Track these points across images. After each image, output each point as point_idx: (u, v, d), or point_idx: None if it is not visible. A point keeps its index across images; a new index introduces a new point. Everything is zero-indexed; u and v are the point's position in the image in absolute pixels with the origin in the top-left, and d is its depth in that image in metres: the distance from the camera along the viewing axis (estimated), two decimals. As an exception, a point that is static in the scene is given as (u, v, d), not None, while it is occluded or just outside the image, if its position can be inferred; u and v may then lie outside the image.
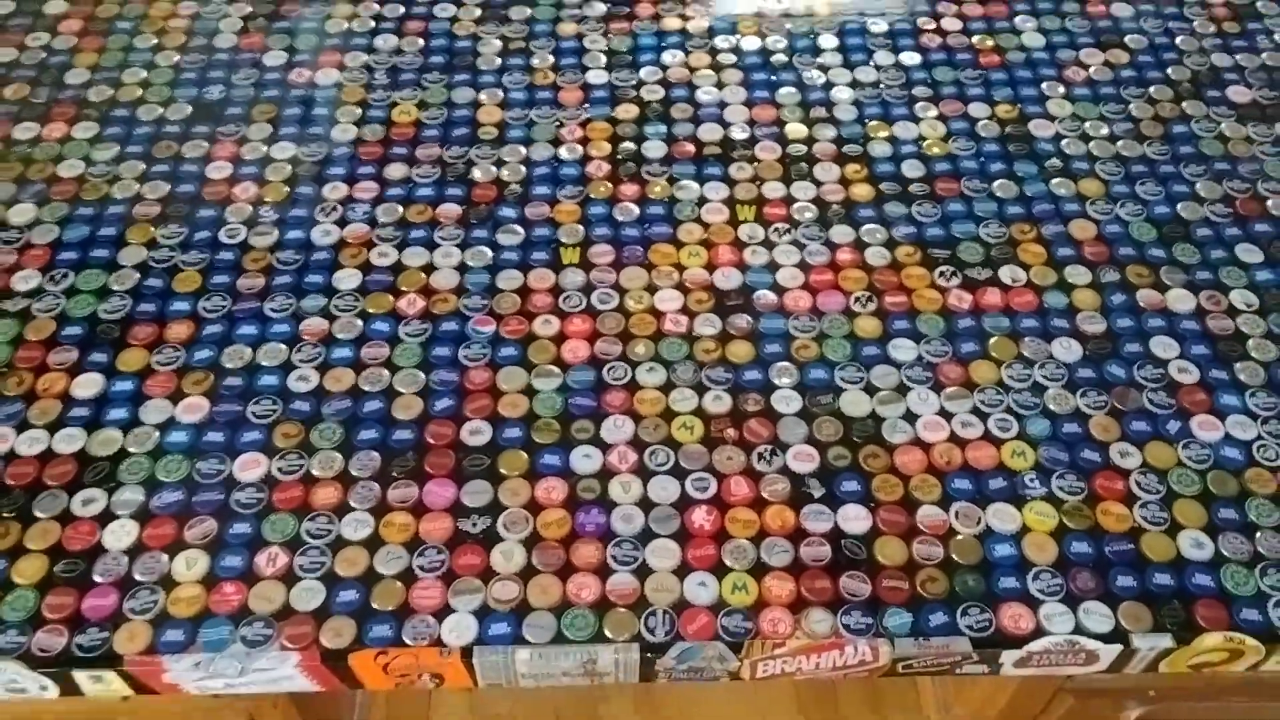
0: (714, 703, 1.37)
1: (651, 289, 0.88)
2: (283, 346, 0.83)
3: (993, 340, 0.85)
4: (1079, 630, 0.71)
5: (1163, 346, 0.85)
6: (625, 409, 0.81)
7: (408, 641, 0.69)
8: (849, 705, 1.39)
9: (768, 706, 1.37)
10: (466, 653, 0.69)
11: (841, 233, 0.92)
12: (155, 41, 1.06)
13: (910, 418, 0.81)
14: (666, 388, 0.82)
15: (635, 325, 0.86)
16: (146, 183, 0.94)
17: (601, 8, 1.11)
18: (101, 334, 0.84)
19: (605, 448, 0.78)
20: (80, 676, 0.69)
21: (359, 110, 1.01)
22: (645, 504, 0.76)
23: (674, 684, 0.71)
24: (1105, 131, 1.01)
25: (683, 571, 0.73)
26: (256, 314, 0.85)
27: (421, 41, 1.08)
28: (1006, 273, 0.90)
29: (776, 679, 0.72)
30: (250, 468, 0.77)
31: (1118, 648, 0.70)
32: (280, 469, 0.77)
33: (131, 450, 0.77)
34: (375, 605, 0.71)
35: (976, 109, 1.03)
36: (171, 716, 0.87)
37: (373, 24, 1.09)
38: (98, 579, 0.71)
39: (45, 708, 0.85)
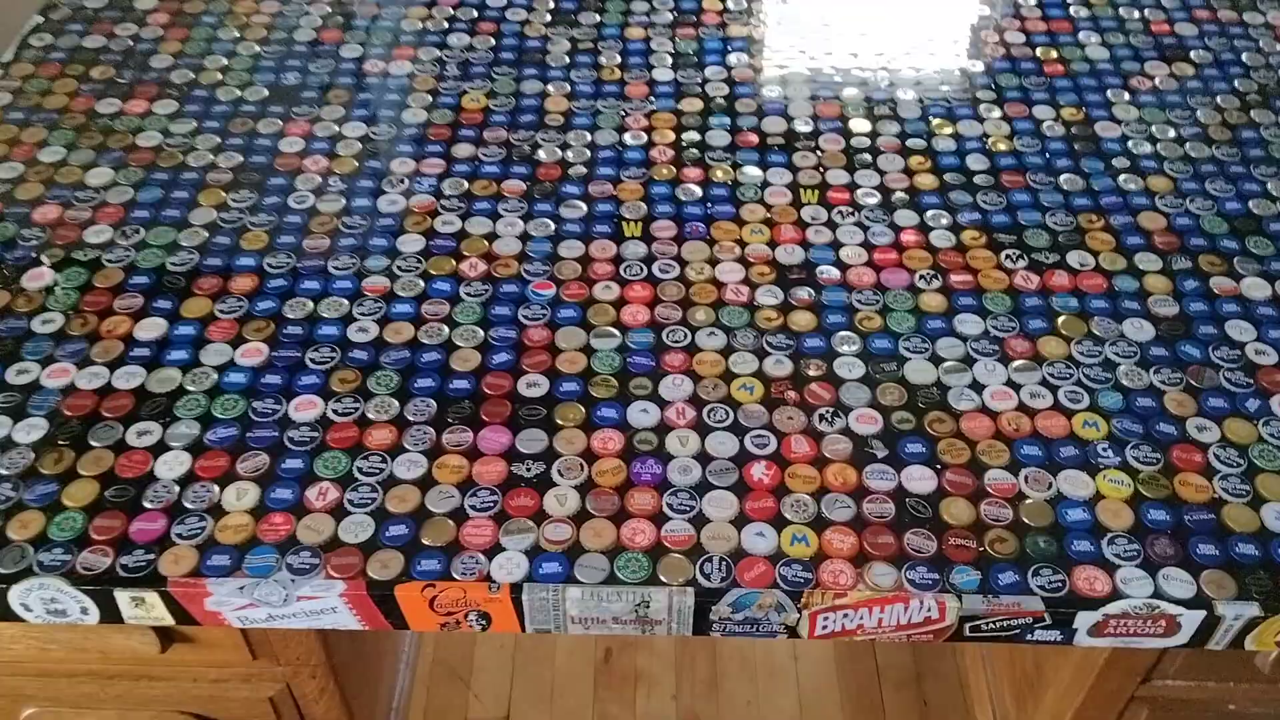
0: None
1: (713, 261, 0.87)
2: (344, 301, 0.84)
3: (1061, 319, 0.83)
4: (1159, 596, 0.67)
5: (1239, 330, 0.83)
6: (684, 369, 0.79)
7: (456, 577, 0.67)
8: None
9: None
10: (516, 591, 0.67)
11: (905, 217, 0.92)
12: (237, 34, 1.10)
13: (977, 387, 0.79)
14: (726, 351, 0.81)
15: (696, 293, 0.85)
16: (221, 154, 0.96)
17: (669, 15, 1.14)
18: (167, 284, 0.85)
19: (663, 404, 0.77)
20: (121, 598, 0.67)
21: (429, 98, 1.03)
22: (703, 457, 0.74)
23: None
24: (1172, 134, 1.00)
25: (740, 522, 0.70)
26: (320, 271, 0.86)
27: (492, 40, 1.10)
28: (1075, 257, 0.88)
29: (835, 639, 0.69)
30: (305, 409, 0.76)
31: (1201, 614, 0.67)
32: (336, 411, 0.76)
33: (189, 389, 0.77)
34: (425, 541, 0.69)
35: (1041, 111, 1.03)
36: (206, 685, 0.84)
37: (446, 24, 1.12)
38: (147, 505, 0.71)
39: (83, 666, 0.83)
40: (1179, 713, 0.86)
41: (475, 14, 1.14)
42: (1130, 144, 0.99)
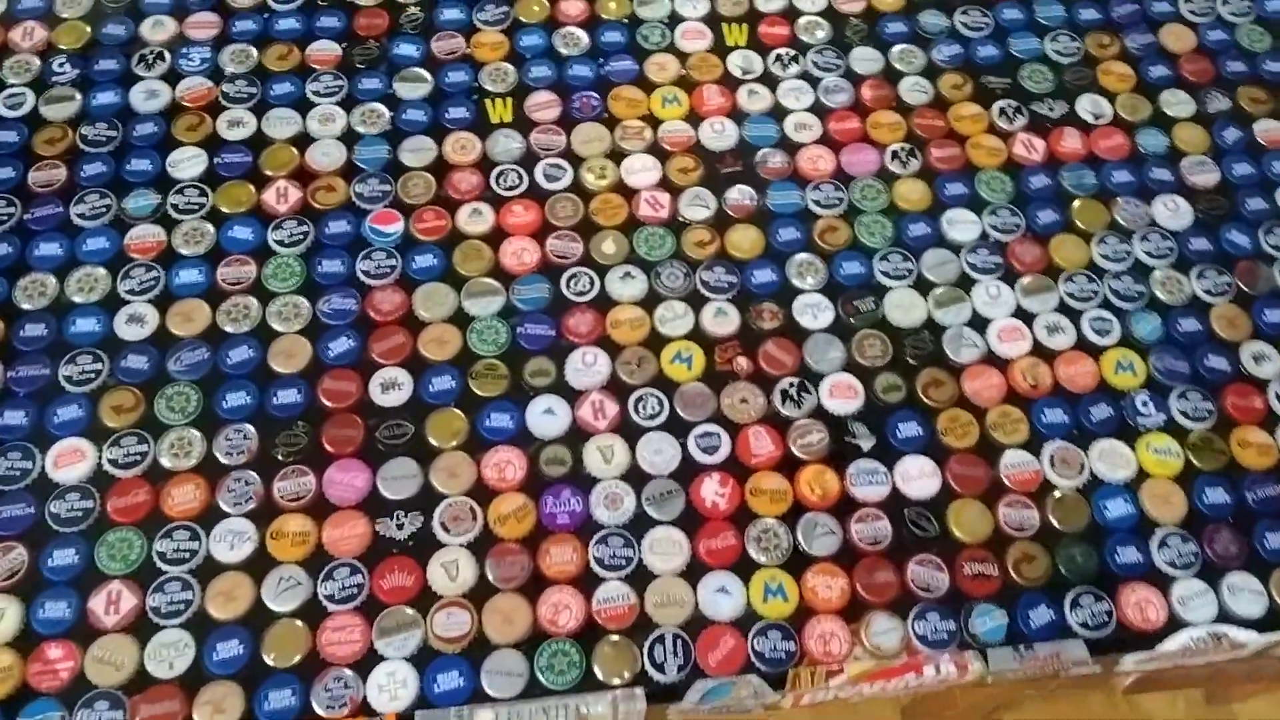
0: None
1: (616, 155, 0.64)
2: (102, 272, 0.59)
3: (1076, 204, 0.64)
4: (1224, 616, 0.53)
5: (1295, 200, 0.65)
6: (595, 337, 0.58)
7: (320, 712, 0.49)
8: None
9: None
10: None
11: (865, 57, 0.69)
12: None
13: (979, 324, 0.60)
14: (649, 301, 0.60)
15: (599, 211, 0.62)
16: (-123, 28, 0.66)
17: None
18: None
19: (573, 397, 0.57)
20: None
21: (182, -97, 0.72)
22: (635, 476, 0.55)
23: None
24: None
25: (695, 573, 0.53)
26: (61, 223, 0.60)
27: None
28: (1086, 105, 0.68)
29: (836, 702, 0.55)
30: (70, 462, 0.54)
31: (1275, 637, 0.53)
32: (114, 460, 0.54)
33: (-111, 447, 0.54)
34: (270, 659, 0.50)
35: None
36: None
37: None
38: None
39: None
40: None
41: None
42: (1142, -84, 0.75)
